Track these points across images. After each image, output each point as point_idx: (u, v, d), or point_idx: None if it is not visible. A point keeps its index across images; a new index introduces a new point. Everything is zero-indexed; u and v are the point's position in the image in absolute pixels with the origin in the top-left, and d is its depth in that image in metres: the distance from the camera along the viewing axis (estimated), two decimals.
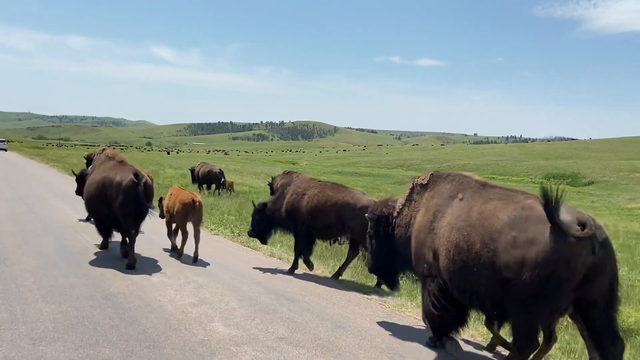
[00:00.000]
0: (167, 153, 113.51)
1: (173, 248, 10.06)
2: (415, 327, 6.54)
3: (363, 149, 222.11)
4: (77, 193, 13.30)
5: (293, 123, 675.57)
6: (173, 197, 9.87)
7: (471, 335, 6.39)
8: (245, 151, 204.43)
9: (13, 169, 31.68)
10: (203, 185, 24.23)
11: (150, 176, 10.03)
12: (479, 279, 4.77)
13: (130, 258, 8.63)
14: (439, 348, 5.75)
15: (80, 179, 12.70)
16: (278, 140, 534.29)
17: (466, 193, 5.35)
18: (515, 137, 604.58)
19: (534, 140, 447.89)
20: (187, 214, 9.48)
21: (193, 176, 24.77)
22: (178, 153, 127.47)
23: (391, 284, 6.72)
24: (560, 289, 4.31)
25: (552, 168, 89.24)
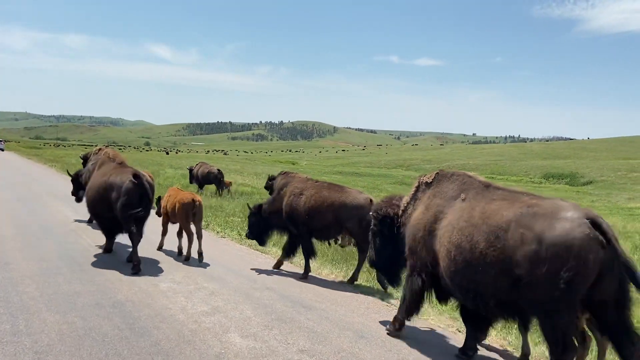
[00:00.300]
0: (166, 153, 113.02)
1: (160, 247, 10.08)
2: (441, 336, 6.19)
3: (363, 149, 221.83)
4: (73, 194, 13.30)
5: (292, 123, 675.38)
6: (172, 198, 9.71)
7: (501, 345, 6.05)
8: (244, 151, 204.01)
9: (11, 170, 31.24)
10: (203, 185, 23.83)
11: (151, 176, 9.77)
12: (484, 279, 4.69)
13: (134, 259, 8.42)
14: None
15: (75, 180, 12.86)
16: (277, 140, 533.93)
17: (469, 193, 5.27)
18: (513, 137, 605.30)
19: (532, 140, 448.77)
20: (188, 215, 9.34)
21: (191, 176, 24.35)
22: (177, 153, 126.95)
23: (393, 281, 6.67)
24: (573, 285, 4.16)
25: (551, 168, 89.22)
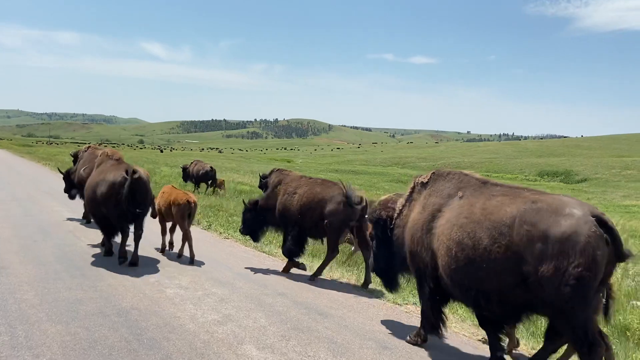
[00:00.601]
0: (160, 151, 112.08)
1: (163, 247, 9.83)
2: (469, 344, 5.85)
3: (358, 147, 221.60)
4: (66, 191, 13.21)
5: (287, 121, 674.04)
6: (166, 196, 9.49)
7: (529, 349, 5.72)
8: (239, 149, 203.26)
9: (4, 168, 30.62)
10: (200, 183, 23.44)
11: (146, 173, 9.49)
12: (487, 276, 4.57)
13: (133, 256, 8.60)
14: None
15: (67, 178, 12.90)
16: (272, 138, 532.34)
17: (466, 191, 5.17)
18: (507, 135, 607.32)
19: (526, 137, 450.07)
20: (184, 215, 9.16)
21: (185, 174, 23.97)
22: (171, 151, 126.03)
23: (390, 285, 6.47)
24: (586, 281, 4.07)
25: (546, 165, 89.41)
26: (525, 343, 6.01)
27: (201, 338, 5.54)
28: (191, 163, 24.30)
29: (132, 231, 8.78)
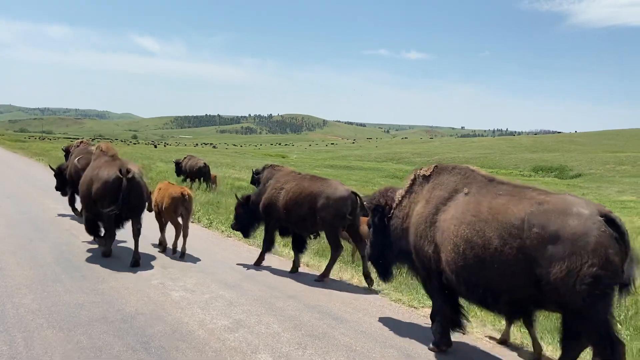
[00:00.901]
0: (154, 146, 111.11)
1: (160, 242, 9.71)
2: (493, 349, 5.57)
3: (353, 142, 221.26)
4: (57, 189, 13.09)
5: (281, 116, 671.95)
6: (162, 192, 9.47)
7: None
8: (233, 144, 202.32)
9: None
10: (194, 179, 23.07)
11: (140, 170, 9.29)
12: (497, 276, 4.48)
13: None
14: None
15: (59, 175, 12.84)
16: (266, 133, 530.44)
17: (472, 187, 5.07)
18: (501, 130, 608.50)
19: (520, 133, 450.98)
20: (177, 208, 9.13)
21: (178, 169, 23.62)
22: (165, 146, 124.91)
23: (384, 275, 6.32)
24: (603, 280, 3.97)
25: (540, 161, 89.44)
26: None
27: (212, 346, 5.22)
28: (184, 158, 23.99)
29: (131, 227, 8.71)
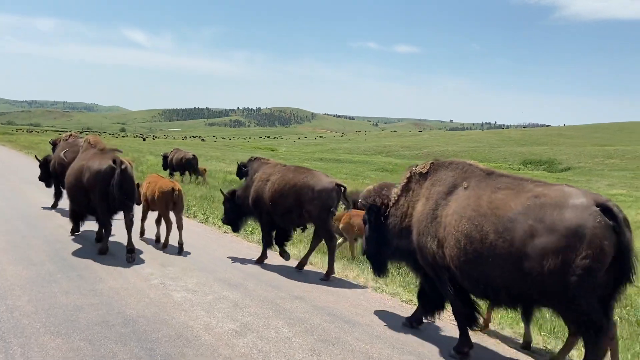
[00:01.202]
0: (143, 139, 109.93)
1: (141, 233, 9.89)
2: (516, 355, 5.38)
3: (342, 136, 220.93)
4: (41, 179, 13.10)
5: (270, 109, 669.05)
6: (151, 185, 9.44)
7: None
8: (222, 137, 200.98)
9: None
10: (176, 172, 22.75)
11: (131, 163, 9.09)
12: (494, 270, 4.51)
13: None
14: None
15: (44, 165, 12.78)
16: (255, 126, 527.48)
17: (471, 181, 5.07)
18: (490, 124, 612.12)
19: (509, 126, 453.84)
20: (168, 203, 9.10)
21: (165, 162, 23.25)
22: (154, 139, 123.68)
23: (378, 271, 6.37)
24: (593, 272, 4.03)
25: (529, 154, 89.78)
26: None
27: (221, 353, 4.97)
28: (171, 151, 23.65)
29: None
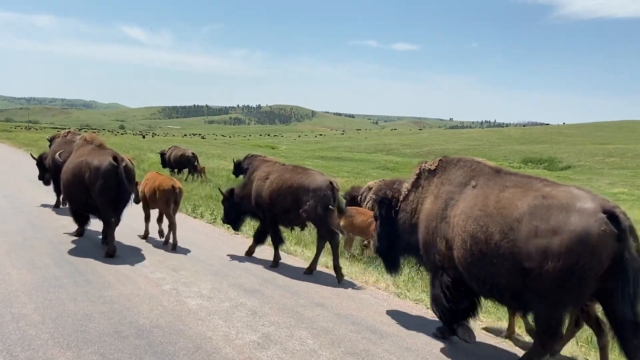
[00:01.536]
0: (143, 137, 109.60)
1: (145, 234, 9.75)
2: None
3: (342, 134, 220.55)
4: (40, 178, 13.03)
5: (270, 107, 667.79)
6: (150, 182, 9.34)
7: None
8: (222, 135, 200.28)
9: None
10: (175, 169, 22.45)
11: (131, 160, 8.88)
12: (499, 271, 4.48)
13: (109, 247, 8.26)
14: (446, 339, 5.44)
15: (40, 163, 12.82)
16: (255, 124, 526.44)
17: (480, 180, 5.03)
18: (489, 122, 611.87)
19: (508, 124, 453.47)
20: (169, 201, 9.01)
21: (163, 160, 22.96)
22: (153, 137, 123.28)
23: (391, 268, 6.36)
24: (585, 280, 4.04)
25: (529, 153, 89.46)
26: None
27: None
28: (169, 148, 23.37)
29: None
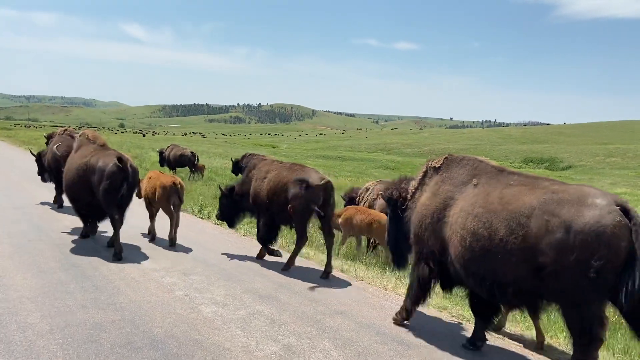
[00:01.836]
0: (143, 135, 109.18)
1: (150, 231, 9.60)
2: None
3: (342, 133, 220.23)
4: (39, 174, 12.98)
5: (271, 106, 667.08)
6: (152, 181, 9.33)
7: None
8: (222, 134, 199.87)
9: None
10: (174, 168, 22.15)
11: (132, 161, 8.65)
12: (504, 267, 4.40)
13: (116, 247, 8.06)
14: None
15: (39, 160, 12.77)
16: (255, 123, 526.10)
17: (481, 178, 5.00)
18: (490, 122, 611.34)
19: (509, 124, 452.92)
20: (170, 198, 8.98)
21: (162, 159, 22.68)
22: (153, 135, 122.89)
23: (398, 263, 6.47)
24: (602, 273, 3.90)
25: (530, 152, 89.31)
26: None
27: None
28: (167, 147, 23.12)
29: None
